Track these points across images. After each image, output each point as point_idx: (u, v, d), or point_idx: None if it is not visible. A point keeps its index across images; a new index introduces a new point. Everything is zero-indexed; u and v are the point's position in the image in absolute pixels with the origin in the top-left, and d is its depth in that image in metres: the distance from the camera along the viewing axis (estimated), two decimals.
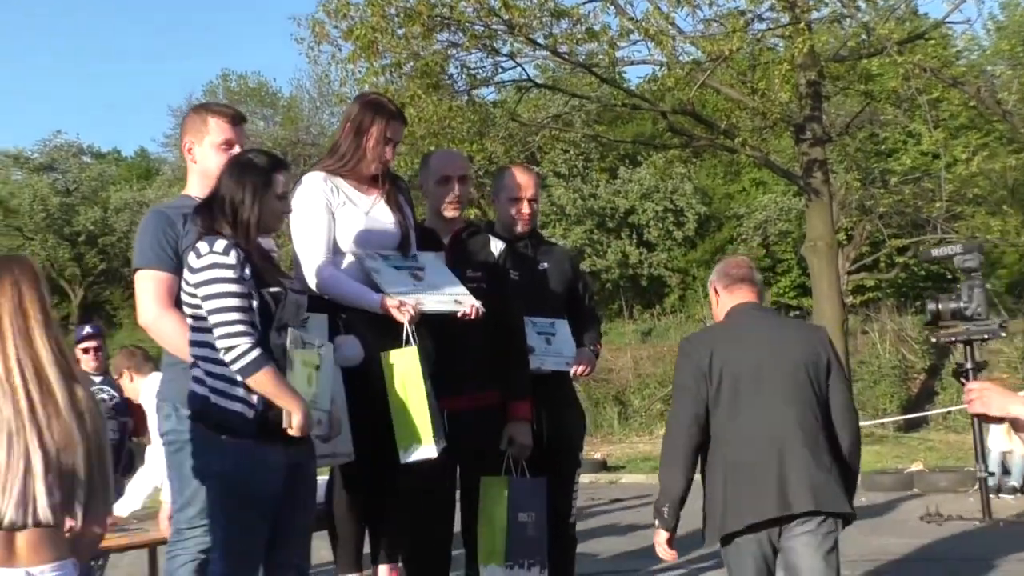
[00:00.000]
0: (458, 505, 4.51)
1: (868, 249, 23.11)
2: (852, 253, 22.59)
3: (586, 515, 11.23)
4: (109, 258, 31.50)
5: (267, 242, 4.07)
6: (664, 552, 4.18)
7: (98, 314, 32.00)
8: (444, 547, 4.46)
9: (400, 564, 4.37)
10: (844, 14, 16.23)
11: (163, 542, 4.53)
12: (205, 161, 4.08)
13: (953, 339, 3.62)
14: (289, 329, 3.62)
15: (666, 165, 22.00)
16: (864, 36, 16.14)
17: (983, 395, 3.04)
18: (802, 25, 14.84)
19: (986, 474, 3.79)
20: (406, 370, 3.97)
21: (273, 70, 62.85)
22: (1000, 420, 3.10)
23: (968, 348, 3.52)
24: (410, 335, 4.03)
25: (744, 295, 4.27)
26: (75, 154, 35.22)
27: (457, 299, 4.22)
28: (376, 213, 4.34)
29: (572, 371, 4.83)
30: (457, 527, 4.50)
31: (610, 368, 21.71)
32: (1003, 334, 3.59)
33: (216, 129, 4.10)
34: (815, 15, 15.97)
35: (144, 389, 5.94)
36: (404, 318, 4.01)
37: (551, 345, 4.79)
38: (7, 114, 60.97)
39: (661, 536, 4.16)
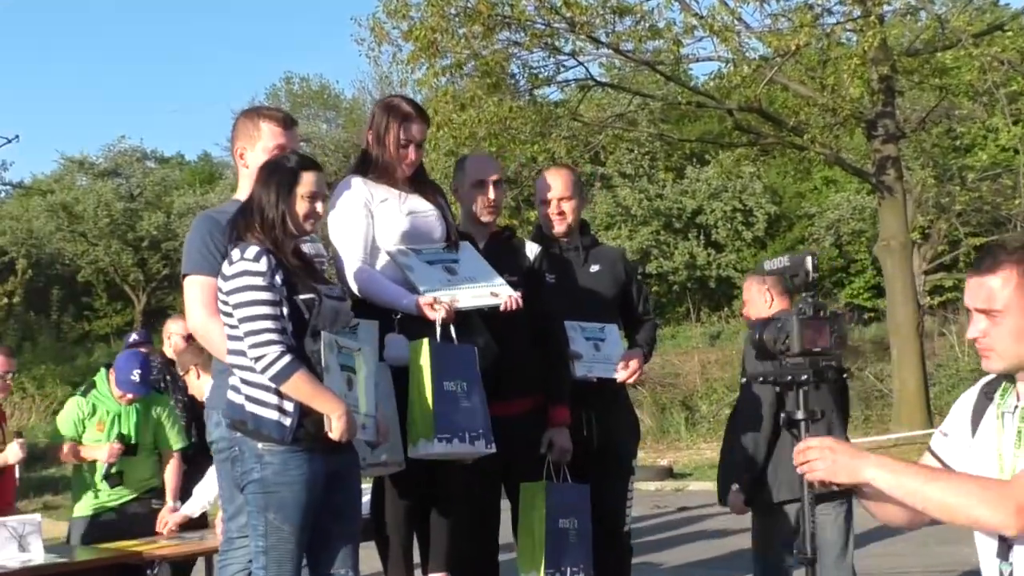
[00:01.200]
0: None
1: (946, 248, 22.74)
2: (929, 252, 22.24)
3: (651, 524, 11.16)
4: (172, 263, 31.89)
5: (315, 247, 4.10)
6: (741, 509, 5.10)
7: (162, 320, 32.44)
8: (491, 554, 4.48)
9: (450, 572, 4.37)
10: (916, 6, 16.00)
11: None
12: (257, 166, 4.11)
13: (761, 379, 2.99)
14: (323, 333, 3.63)
15: (734, 164, 21.83)
16: (939, 28, 15.88)
17: (826, 457, 2.52)
18: (873, 18, 14.63)
19: (808, 557, 2.84)
20: (415, 362, 3.99)
21: (336, 72, 63.47)
22: (843, 487, 2.56)
23: (800, 393, 2.85)
24: (451, 334, 4.03)
25: (788, 303, 5.12)
26: (139, 159, 35.73)
27: (493, 291, 4.22)
28: (417, 207, 4.35)
29: (619, 378, 4.76)
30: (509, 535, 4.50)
31: (677, 372, 21.57)
32: (803, 378, 2.81)
33: (268, 134, 4.12)
34: (887, 8, 15.75)
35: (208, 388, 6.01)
36: (438, 315, 4.02)
37: (600, 351, 4.74)
38: (73, 120, 62.20)
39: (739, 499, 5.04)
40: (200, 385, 6.26)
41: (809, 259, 2.88)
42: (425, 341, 3.99)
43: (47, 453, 6.43)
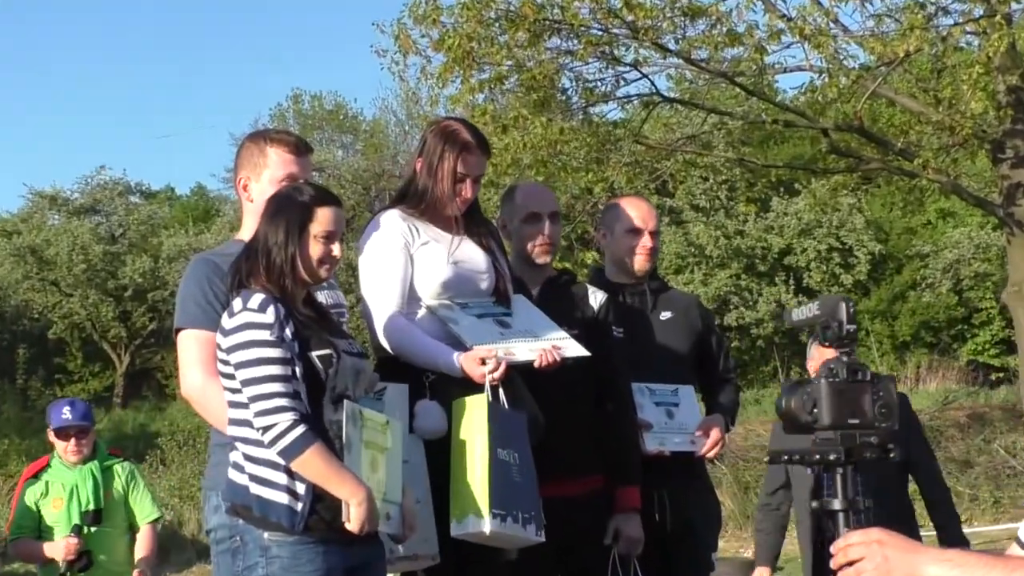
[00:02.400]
0: None
1: None
2: None
3: None
4: (161, 316, 32.11)
5: (334, 295, 4.12)
6: None
7: (148, 384, 32.64)
8: None
9: None
10: None
11: None
12: (264, 200, 4.13)
13: (786, 458, 2.82)
14: (346, 402, 3.61)
15: (830, 194, 21.67)
16: None
17: (874, 555, 2.34)
18: (999, 18, 14.54)
19: None
20: (471, 423, 3.98)
21: (353, 89, 64.17)
22: None
23: (838, 475, 2.65)
24: (500, 395, 4.04)
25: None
26: (121, 193, 36.14)
27: (555, 346, 4.22)
28: (464, 255, 4.37)
29: (698, 452, 4.77)
30: None
31: (763, 445, 21.36)
32: (832, 457, 2.62)
33: (276, 161, 4.17)
34: (1016, 6, 15.67)
35: None
36: (486, 369, 4.01)
37: (673, 419, 4.73)
38: (43, 148, 63.10)
39: None
40: None
41: (843, 306, 2.72)
42: (482, 398, 3.99)
43: (9, 549, 6.57)
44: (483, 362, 4.05)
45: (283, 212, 3.74)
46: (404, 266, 4.28)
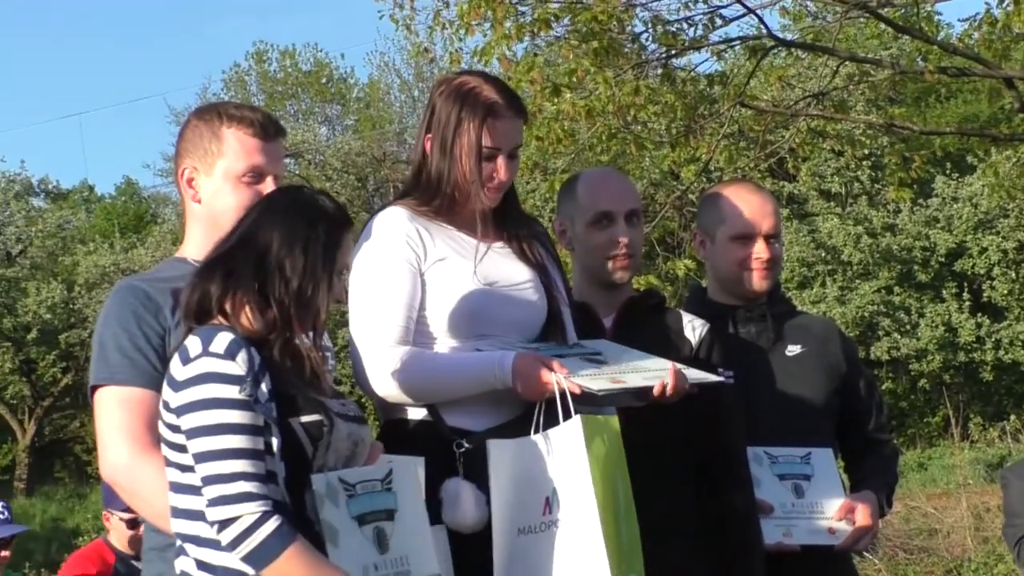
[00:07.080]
0: None
1: None
2: None
3: None
4: (79, 366, 32.21)
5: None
6: None
7: (62, 461, 32.79)
8: None
9: None
10: None
11: None
12: (216, 201, 4.17)
13: None
14: (313, 477, 3.58)
15: (1018, 170, 21.61)
16: None
17: None
18: None
19: None
20: (614, 449, 4.03)
21: (340, 41, 64.32)
22: None
23: None
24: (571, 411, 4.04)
25: None
26: (18, 195, 36.39)
27: (677, 368, 4.25)
28: (497, 271, 4.36)
29: (839, 544, 4.78)
30: None
31: (933, 528, 21.32)
32: None
33: (236, 149, 4.18)
34: None
35: None
36: (553, 377, 4.02)
37: (804, 498, 4.74)
38: None
39: None
40: None
41: None
42: (612, 420, 4.04)
43: None
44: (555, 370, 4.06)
45: (311, 223, 3.72)
46: (412, 288, 4.27)
